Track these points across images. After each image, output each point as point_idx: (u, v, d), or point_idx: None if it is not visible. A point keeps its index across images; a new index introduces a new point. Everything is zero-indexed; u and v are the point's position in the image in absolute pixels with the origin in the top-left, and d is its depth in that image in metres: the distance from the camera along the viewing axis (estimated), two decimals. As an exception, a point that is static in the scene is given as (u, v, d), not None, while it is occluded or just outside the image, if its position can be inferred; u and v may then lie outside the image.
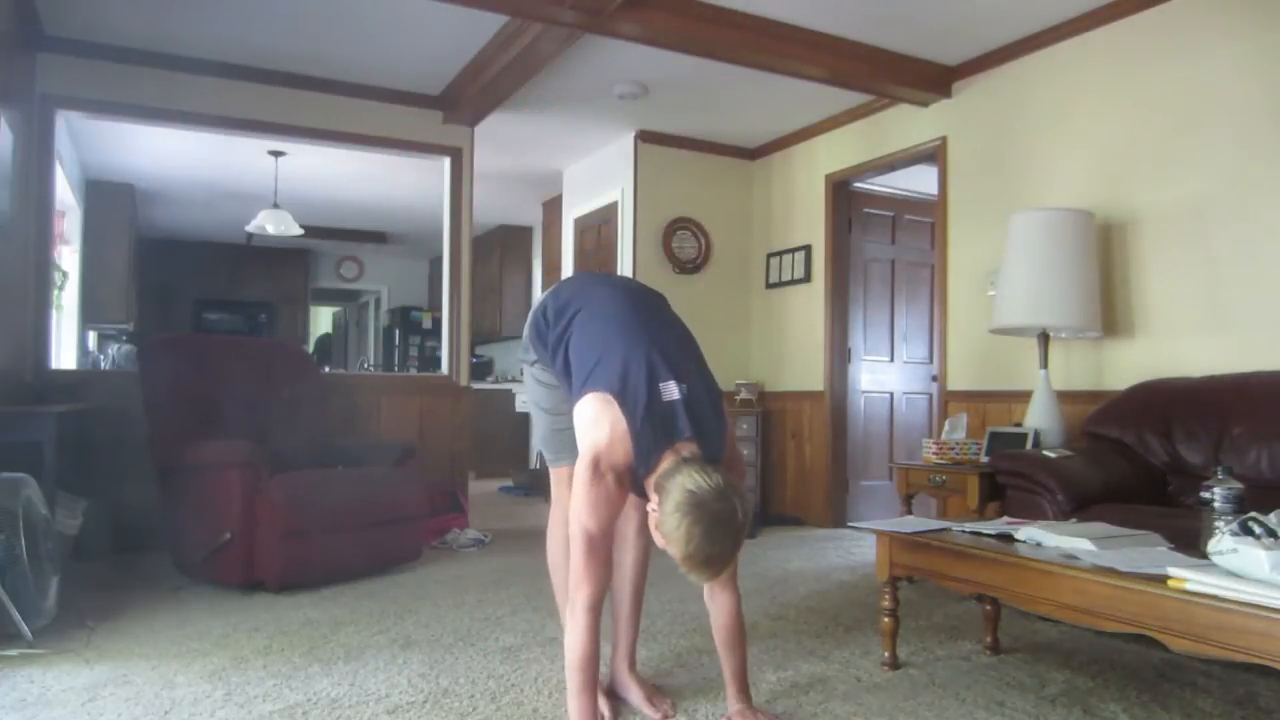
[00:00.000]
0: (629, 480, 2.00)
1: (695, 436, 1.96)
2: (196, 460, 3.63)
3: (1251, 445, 2.99)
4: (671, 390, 1.97)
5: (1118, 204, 3.85)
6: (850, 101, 5.15)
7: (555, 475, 2.38)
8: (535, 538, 2.49)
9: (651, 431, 1.94)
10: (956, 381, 4.63)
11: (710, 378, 2.11)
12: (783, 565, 4.24)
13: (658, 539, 1.92)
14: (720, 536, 1.83)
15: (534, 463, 7.23)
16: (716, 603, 2.16)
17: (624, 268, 5.91)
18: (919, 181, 5.54)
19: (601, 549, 1.99)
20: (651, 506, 1.93)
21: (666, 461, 1.92)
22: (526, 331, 2.35)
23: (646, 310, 2.21)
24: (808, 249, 5.68)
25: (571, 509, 2.00)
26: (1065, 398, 3.80)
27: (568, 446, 2.22)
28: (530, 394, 2.42)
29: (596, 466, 1.95)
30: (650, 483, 1.94)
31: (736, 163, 6.19)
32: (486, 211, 7.90)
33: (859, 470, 5.62)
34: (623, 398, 1.95)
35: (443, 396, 5.32)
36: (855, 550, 4.65)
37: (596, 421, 1.97)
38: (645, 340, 2.04)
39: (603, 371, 2.00)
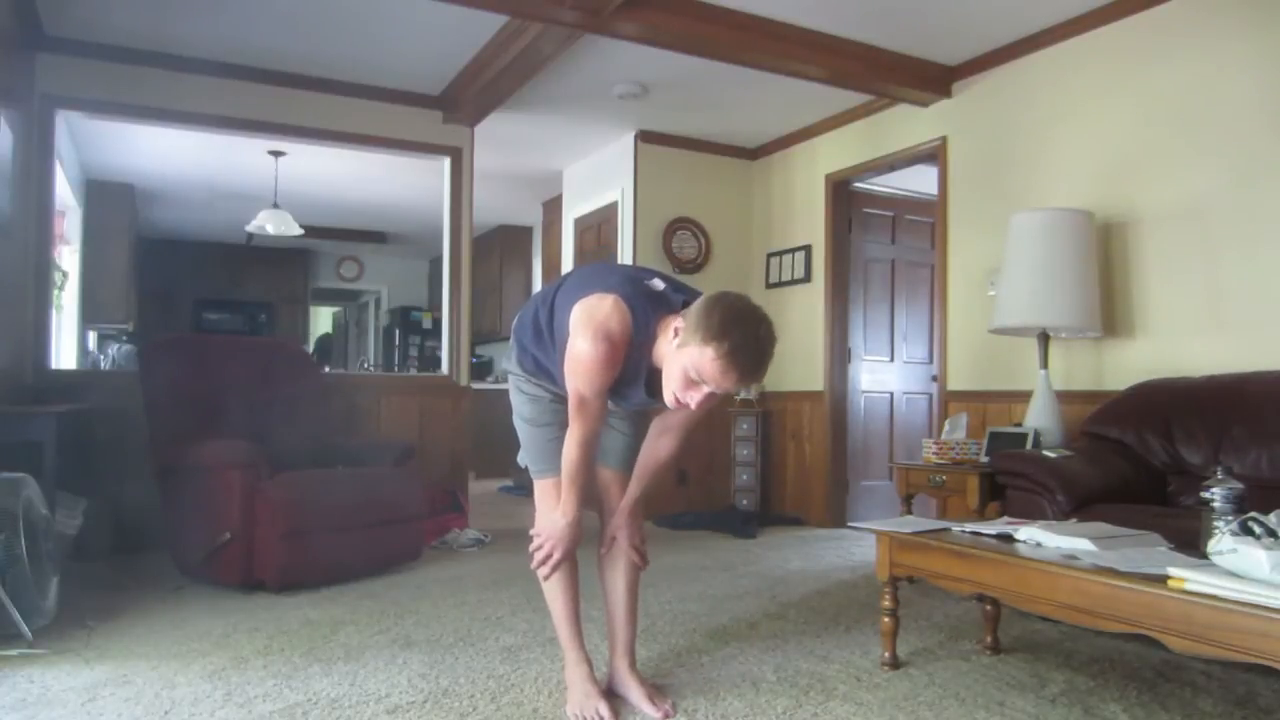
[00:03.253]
0: (629, 360, 2.02)
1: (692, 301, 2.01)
2: (196, 460, 3.63)
3: (1251, 445, 2.99)
4: (656, 284, 2.09)
5: (1118, 204, 3.85)
6: (850, 101, 5.15)
7: (540, 488, 2.30)
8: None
9: (646, 302, 2.01)
10: (956, 381, 4.63)
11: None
12: (783, 565, 4.24)
13: (676, 366, 1.92)
14: (753, 322, 1.90)
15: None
16: (659, 443, 2.28)
17: (624, 268, 5.91)
18: (919, 181, 5.54)
19: (593, 406, 2.04)
20: (674, 328, 1.95)
21: (673, 320, 1.97)
22: (513, 333, 2.35)
23: (621, 268, 2.34)
24: (808, 249, 5.68)
25: (567, 372, 2.03)
26: (1065, 398, 3.80)
27: (552, 457, 2.22)
28: (515, 406, 2.37)
29: (596, 333, 1.95)
30: (664, 339, 1.98)
31: (736, 163, 6.19)
32: (486, 211, 7.90)
33: (859, 470, 5.62)
34: (607, 289, 2.02)
35: (443, 396, 5.32)
36: (855, 550, 4.65)
37: (590, 303, 2.00)
38: (620, 271, 2.18)
39: (584, 292, 2.05)
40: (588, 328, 1.96)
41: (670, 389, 1.96)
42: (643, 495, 2.35)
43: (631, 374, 2.05)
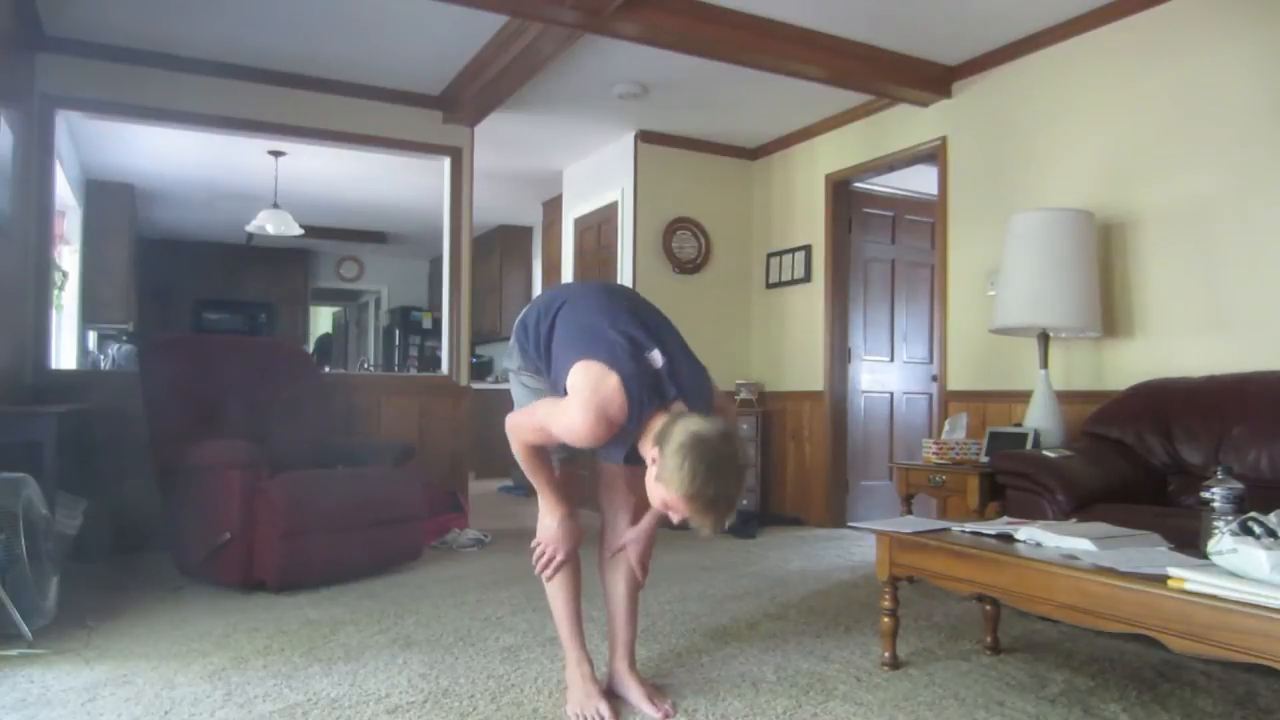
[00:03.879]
0: (616, 436, 2.00)
1: (683, 397, 2.02)
2: (196, 460, 3.63)
3: (1251, 445, 2.99)
4: (656, 359, 2.04)
5: (1118, 204, 3.85)
6: (850, 101, 5.15)
7: None
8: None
9: (643, 390, 1.98)
10: (956, 381, 4.63)
11: (692, 354, 2.17)
12: (783, 565, 4.24)
13: (658, 493, 1.92)
14: (723, 475, 1.85)
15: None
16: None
17: (624, 268, 5.92)
18: (919, 181, 5.54)
19: (540, 454, 2.16)
20: (652, 457, 1.93)
21: (660, 419, 1.96)
22: (513, 338, 2.37)
23: (625, 299, 2.27)
24: (808, 249, 5.68)
25: (550, 420, 2.03)
26: (1065, 398, 3.80)
27: (554, 449, 2.24)
28: (516, 400, 2.40)
29: (595, 411, 1.93)
30: (647, 441, 1.96)
31: (736, 163, 6.19)
32: (486, 211, 7.91)
33: (859, 470, 5.62)
34: (614, 363, 1.99)
35: (443, 396, 5.32)
36: (855, 550, 4.65)
37: (594, 375, 1.97)
38: (625, 319, 2.10)
39: (589, 345, 2.04)
40: (588, 403, 1.94)
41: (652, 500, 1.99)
42: (659, 521, 2.32)
43: (616, 442, 2.05)
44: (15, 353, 4.15)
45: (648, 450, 1.96)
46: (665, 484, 1.87)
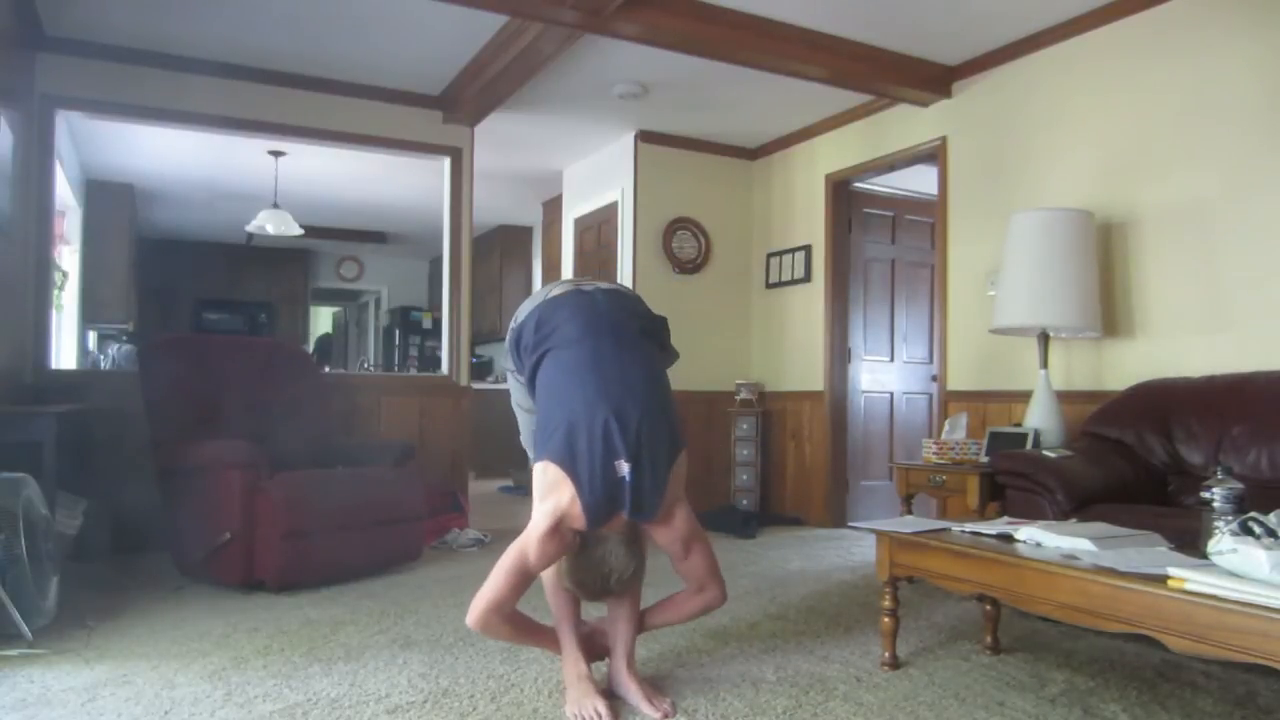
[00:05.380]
0: (576, 537, 2.15)
1: (632, 513, 2.12)
2: (196, 460, 3.63)
3: (1251, 445, 2.99)
4: (623, 468, 2.09)
5: (1118, 204, 3.85)
6: (850, 101, 5.15)
7: (536, 471, 2.39)
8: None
9: (600, 505, 2.09)
10: (956, 381, 4.63)
11: (673, 424, 2.21)
12: (783, 565, 4.24)
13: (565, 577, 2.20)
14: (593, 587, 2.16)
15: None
16: (702, 596, 2.34)
17: (624, 268, 5.92)
18: (919, 181, 5.54)
19: (528, 581, 2.15)
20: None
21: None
22: (507, 344, 2.45)
23: (613, 357, 2.22)
24: (808, 249, 5.68)
25: (520, 542, 2.11)
26: (1065, 398, 3.80)
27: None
28: (514, 395, 2.51)
29: (557, 526, 2.08)
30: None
31: (736, 163, 6.19)
32: (486, 211, 7.91)
33: (859, 470, 5.62)
34: (577, 477, 2.08)
35: (443, 396, 5.32)
36: (855, 550, 4.65)
37: (557, 487, 2.10)
38: (604, 407, 2.10)
39: (561, 441, 2.11)
40: (553, 517, 2.08)
41: None
42: (637, 631, 2.41)
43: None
44: (15, 353, 4.15)
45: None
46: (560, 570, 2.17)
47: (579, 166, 6.64)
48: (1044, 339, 3.78)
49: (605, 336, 2.26)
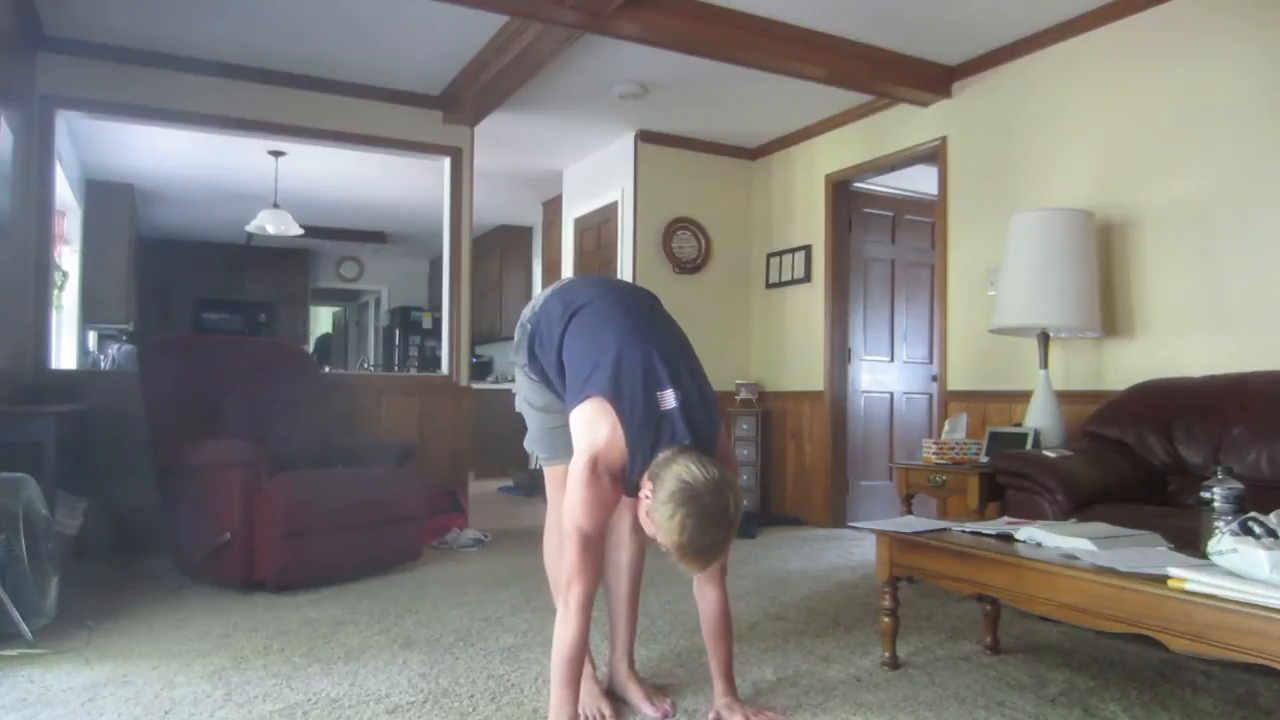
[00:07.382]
0: (622, 481, 2.02)
1: (692, 437, 1.98)
2: (196, 460, 3.63)
3: (1251, 445, 2.98)
4: (669, 399, 1.98)
5: (1118, 204, 3.85)
6: (850, 101, 5.15)
7: (550, 474, 2.35)
8: (535, 538, 2.49)
9: (646, 437, 1.96)
10: (956, 381, 4.63)
11: (704, 378, 2.12)
12: (783, 565, 4.24)
13: (648, 527, 1.94)
14: (712, 528, 1.86)
15: (534, 463, 7.22)
16: (705, 598, 2.19)
17: (624, 268, 5.92)
18: (919, 181, 5.54)
19: (596, 548, 2.02)
20: (645, 494, 1.93)
21: (661, 455, 1.95)
22: (518, 334, 2.34)
23: (641, 312, 2.21)
24: (808, 249, 5.68)
25: (566, 507, 2.00)
26: (1065, 398, 3.80)
27: (562, 445, 2.21)
28: (522, 392, 2.39)
29: (594, 467, 1.96)
30: (645, 472, 1.96)
31: (736, 163, 6.19)
32: (486, 211, 7.90)
33: (859, 470, 5.62)
34: (619, 402, 1.97)
35: (443, 396, 5.32)
36: (855, 550, 4.65)
37: (594, 424, 1.99)
38: (641, 344, 2.04)
39: (600, 376, 2.01)
40: (589, 463, 1.94)
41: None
42: (729, 657, 2.24)
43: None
44: (15, 353, 4.15)
45: (645, 478, 1.95)
46: (655, 527, 1.89)
47: (579, 166, 6.64)
48: (1044, 339, 3.78)
49: (629, 294, 2.29)
